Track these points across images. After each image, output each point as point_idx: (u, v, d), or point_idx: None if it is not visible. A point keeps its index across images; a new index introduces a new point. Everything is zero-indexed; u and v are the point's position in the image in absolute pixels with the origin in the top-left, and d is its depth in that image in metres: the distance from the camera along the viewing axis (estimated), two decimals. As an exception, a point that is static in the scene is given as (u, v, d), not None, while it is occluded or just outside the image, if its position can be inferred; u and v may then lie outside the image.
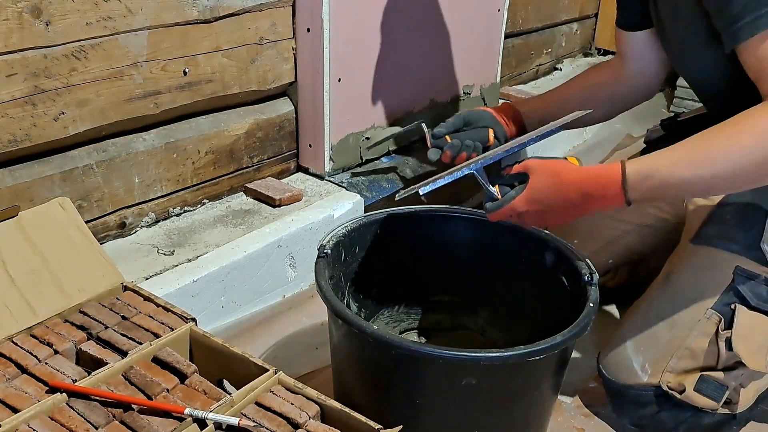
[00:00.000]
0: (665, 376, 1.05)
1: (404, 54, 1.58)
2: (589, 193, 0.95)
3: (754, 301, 1.02)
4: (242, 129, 1.41)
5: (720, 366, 1.03)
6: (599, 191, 0.95)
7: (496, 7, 1.80)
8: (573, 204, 0.97)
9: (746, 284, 1.02)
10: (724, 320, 1.02)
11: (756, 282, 1.02)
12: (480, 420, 0.90)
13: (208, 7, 1.26)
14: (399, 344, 0.85)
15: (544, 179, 0.98)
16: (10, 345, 0.88)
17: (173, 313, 0.96)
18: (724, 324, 1.02)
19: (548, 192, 0.98)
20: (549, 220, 1.01)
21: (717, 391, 1.02)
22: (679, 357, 1.05)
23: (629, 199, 0.94)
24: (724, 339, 1.01)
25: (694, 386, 1.02)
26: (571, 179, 0.97)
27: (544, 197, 0.98)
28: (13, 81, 1.05)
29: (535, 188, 0.98)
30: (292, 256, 1.35)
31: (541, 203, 0.98)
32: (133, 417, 0.79)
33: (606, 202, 0.95)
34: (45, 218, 1.00)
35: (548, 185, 0.98)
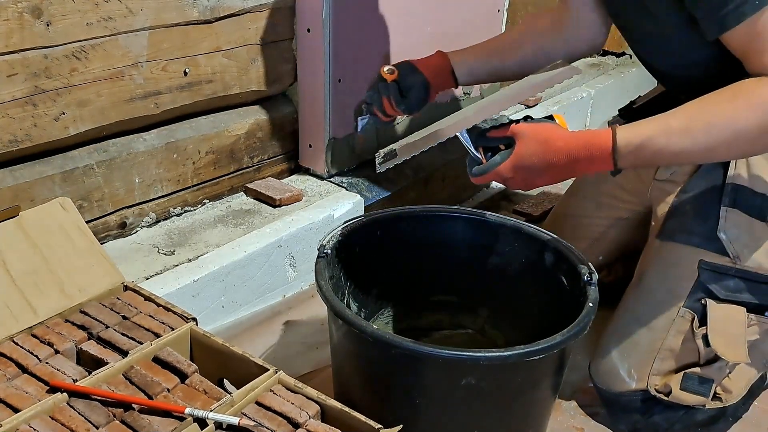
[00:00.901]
0: (651, 379, 1.06)
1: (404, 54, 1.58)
2: (578, 159, 0.95)
3: (722, 293, 1.03)
4: (242, 129, 1.41)
5: (702, 361, 1.04)
6: (587, 157, 0.94)
7: (496, 8, 1.80)
8: (560, 169, 0.96)
9: (712, 278, 1.03)
10: (697, 316, 1.03)
11: (721, 274, 1.03)
12: (480, 420, 0.90)
13: (208, 8, 1.26)
14: (399, 344, 0.85)
15: (531, 145, 0.96)
16: (11, 344, 0.89)
17: (174, 312, 0.96)
18: (697, 320, 1.03)
19: (535, 159, 0.96)
20: (535, 184, 1.00)
21: (704, 387, 1.03)
22: (662, 359, 1.06)
23: (619, 167, 0.94)
24: (701, 336, 1.02)
25: (680, 385, 1.03)
26: (559, 146, 0.95)
27: (530, 164, 0.97)
28: (13, 81, 1.05)
29: (522, 155, 0.97)
30: (292, 256, 1.35)
31: (527, 170, 0.97)
32: (134, 417, 0.79)
33: (594, 168, 0.95)
34: (46, 218, 1.00)
35: (535, 151, 0.96)
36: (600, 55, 2.57)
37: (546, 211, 1.75)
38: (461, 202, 1.80)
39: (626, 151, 0.93)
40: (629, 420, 1.09)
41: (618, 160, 0.93)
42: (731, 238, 1.02)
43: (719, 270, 1.03)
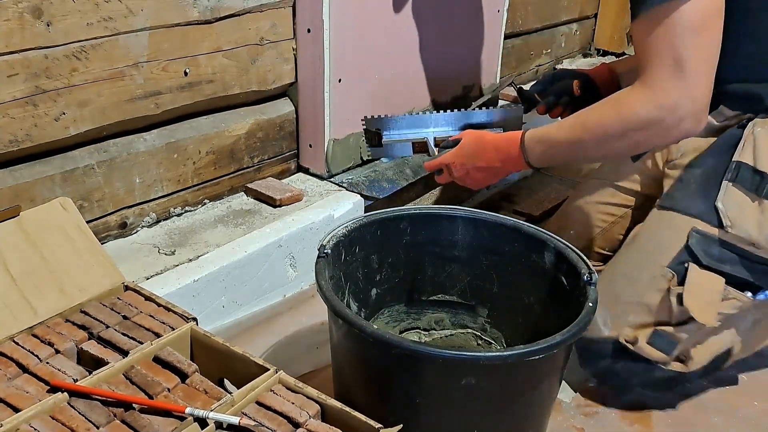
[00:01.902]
0: (624, 330, 1.11)
1: (404, 54, 1.58)
2: (499, 148, 1.17)
3: (705, 259, 1.06)
4: (243, 129, 1.41)
5: (674, 321, 1.08)
6: (506, 149, 1.16)
7: (496, 8, 1.80)
8: (489, 158, 1.18)
9: (699, 244, 1.07)
10: (678, 277, 1.08)
11: (709, 242, 1.07)
12: (480, 420, 0.90)
13: (208, 8, 1.26)
14: (399, 344, 0.85)
15: (470, 139, 1.22)
16: (11, 344, 0.89)
17: (174, 312, 0.96)
18: (676, 281, 1.07)
19: (471, 147, 1.21)
20: (470, 173, 1.22)
21: (668, 345, 1.08)
22: (638, 313, 1.10)
23: (527, 159, 1.13)
24: (676, 294, 1.07)
25: (647, 339, 1.09)
26: (489, 139, 1.20)
27: (467, 152, 1.21)
28: (14, 81, 1.05)
29: (462, 145, 1.22)
30: (292, 256, 1.36)
31: (464, 156, 1.21)
32: (134, 416, 0.79)
33: (512, 160, 1.16)
34: (46, 218, 1.00)
35: (472, 142, 1.21)
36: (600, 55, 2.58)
37: (546, 211, 1.75)
38: (461, 202, 1.80)
39: (531, 143, 1.12)
40: (595, 365, 1.16)
41: (526, 151, 1.13)
42: (727, 207, 1.06)
43: (708, 237, 1.07)
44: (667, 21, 0.97)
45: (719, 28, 0.99)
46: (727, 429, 1.13)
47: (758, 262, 1.06)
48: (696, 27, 0.97)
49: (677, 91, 0.98)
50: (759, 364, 1.27)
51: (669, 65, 0.98)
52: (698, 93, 0.99)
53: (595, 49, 2.57)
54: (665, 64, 0.98)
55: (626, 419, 1.14)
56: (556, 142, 1.11)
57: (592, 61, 2.50)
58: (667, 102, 0.99)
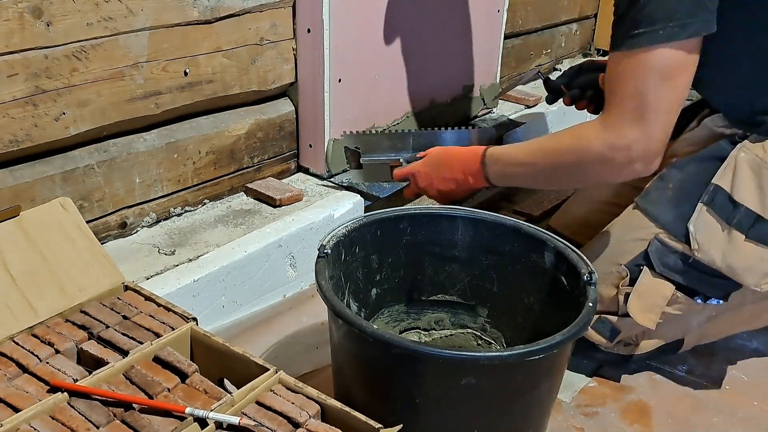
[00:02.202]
0: None
1: (404, 54, 1.58)
2: (463, 161, 1.20)
3: (659, 267, 1.11)
4: (243, 129, 1.41)
5: (620, 313, 1.16)
6: (468, 163, 1.19)
7: (496, 8, 1.80)
8: (453, 169, 1.22)
9: (657, 252, 1.11)
10: (630, 277, 1.13)
11: (667, 252, 1.11)
12: (480, 420, 0.90)
13: (208, 8, 1.26)
14: (399, 344, 0.85)
15: (437, 150, 1.28)
16: (11, 344, 0.89)
17: (174, 312, 0.96)
18: (628, 280, 1.13)
19: (436, 157, 1.26)
20: (434, 183, 1.25)
21: (610, 333, 1.17)
22: None
23: (486, 174, 1.18)
24: (624, 293, 1.13)
25: (592, 324, 1.16)
26: (453, 152, 1.24)
27: (432, 161, 1.26)
28: (14, 81, 1.05)
29: (430, 155, 1.27)
30: (292, 256, 1.36)
31: (430, 166, 1.26)
32: (134, 416, 0.79)
33: (473, 174, 1.19)
34: (46, 218, 1.00)
35: (438, 153, 1.27)
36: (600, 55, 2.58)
37: (546, 211, 1.75)
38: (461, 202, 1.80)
39: (491, 159, 1.17)
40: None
41: (486, 166, 1.17)
42: (697, 230, 1.09)
43: (668, 248, 1.11)
44: (638, 65, 0.99)
45: (687, 79, 1.01)
46: (727, 429, 1.13)
47: (710, 274, 1.10)
48: (664, 76, 0.99)
49: (633, 134, 1.01)
50: (759, 364, 1.27)
51: (631, 108, 1.00)
52: (654, 140, 1.01)
53: (595, 49, 2.57)
54: (627, 106, 1.00)
55: (626, 419, 1.14)
56: (514, 162, 1.15)
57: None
58: (621, 143, 1.01)
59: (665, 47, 0.97)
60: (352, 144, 1.44)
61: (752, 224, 1.06)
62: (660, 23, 0.96)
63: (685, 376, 1.24)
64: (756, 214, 1.06)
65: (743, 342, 1.32)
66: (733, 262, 1.07)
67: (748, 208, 1.06)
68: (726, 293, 1.13)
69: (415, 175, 1.28)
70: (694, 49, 0.99)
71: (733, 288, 1.11)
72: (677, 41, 0.97)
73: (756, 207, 1.06)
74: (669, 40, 0.97)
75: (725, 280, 1.10)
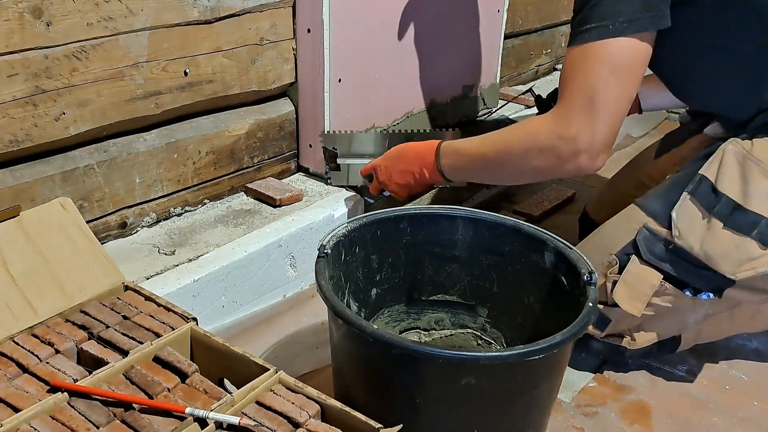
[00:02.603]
0: None
1: (404, 54, 1.58)
2: (419, 155, 1.23)
3: (646, 255, 1.12)
4: (243, 129, 1.41)
5: (609, 303, 1.16)
6: (424, 156, 1.22)
7: (496, 8, 1.80)
8: (409, 162, 1.24)
9: (645, 240, 1.13)
10: (619, 265, 1.14)
11: (655, 240, 1.12)
12: (480, 420, 0.90)
13: (208, 8, 1.26)
14: (399, 344, 0.85)
15: (398, 146, 1.30)
16: (11, 344, 0.89)
17: (174, 312, 0.97)
18: (617, 269, 1.14)
19: (396, 152, 1.29)
20: (393, 176, 1.28)
21: (600, 322, 1.18)
22: None
23: (440, 166, 1.20)
24: (612, 281, 1.15)
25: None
26: (411, 146, 1.26)
27: (391, 155, 1.29)
28: (14, 81, 1.05)
29: (391, 149, 1.30)
30: (292, 256, 1.36)
31: (389, 159, 1.29)
32: (134, 416, 0.79)
33: (428, 168, 1.22)
34: (46, 218, 1.00)
35: (398, 147, 1.29)
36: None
37: (546, 211, 1.75)
38: (461, 202, 1.80)
39: (445, 152, 1.20)
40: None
41: (440, 157, 1.20)
42: (679, 218, 1.10)
43: (655, 236, 1.12)
44: (587, 58, 1.02)
45: (638, 76, 1.04)
46: (727, 429, 1.13)
47: (696, 265, 1.10)
48: (612, 70, 1.02)
49: (581, 125, 1.03)
50: (759, 364, 1.27)
51: (581, 101, 1.03)
52: (601, 133, 1.03)
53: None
54: (578, 98, 1.03)
55: (626, 419, 1.14)
56: (465, 154, 1.17)
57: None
58: (567, 133, 1.03)
59: (614, 41, 1.01)
60: (330, 144, 1.44)
61: (731, 213, 1.07)
62: (609, 19, 1.00)
63: (685, 376, 1.24)
64: (735, 202, 1.07)
65: (743, 342, 1.32)
66: (709, 249, 1.08)
67: (729, 197, 1.07)
68: (715, 287, 1.12)
69: (376, 169, 1.31)
70: (643, 46, 1.02)
71: (721, 282, 1.11)
72: (625, 36, 1.01)
73: (737, 196, 1.07)
74: (617, 35, 1.00)
75: (712, 273, 1.10)
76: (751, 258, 1.06)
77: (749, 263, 1.07)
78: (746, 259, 1.07)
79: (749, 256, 1.06)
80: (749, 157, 1.08)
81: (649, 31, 1.02)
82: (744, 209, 1.06)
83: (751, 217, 1.06)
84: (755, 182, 1.06)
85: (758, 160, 1.07)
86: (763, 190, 1.06)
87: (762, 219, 1.05)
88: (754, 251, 1.06)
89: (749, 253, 1.06)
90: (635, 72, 1.04)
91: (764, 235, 1.06)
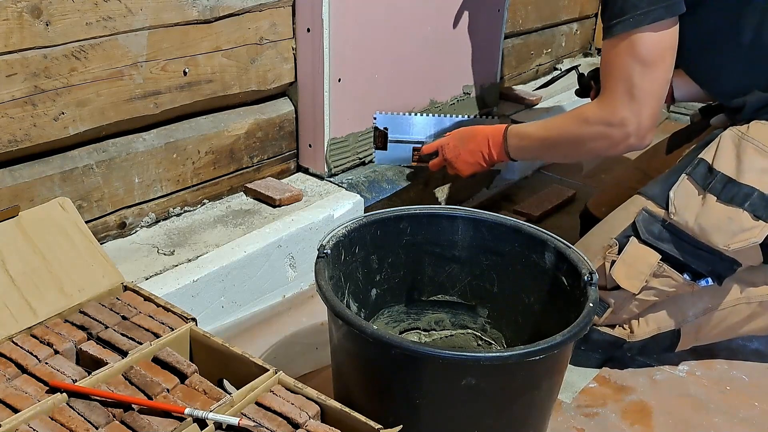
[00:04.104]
0: None
1: (404, 54, 1.58)
2: (488, 135, 1.34)
3: (644, 235, 1.16)
4: (242, 129, 1.41)
5: (608, 286, 1.19)
6: (493, 137, 1.34)
7: (496, 7, 1.80)
8: (479, 142, 1.36)
9: (643, 221, 1.16)
10: (619, 247, 1.17)
11: (653, 221, 1.16)
12: (480, 420, 0.90)
13: (208, 8, 1.26)
14: (399, 344, 0.85)
15: (466, 127, 1.42)
16: (10, 345, 0.89)
17: (173, 313, 0.96)
18: (617, 250, 1.17)
19: (464, 131, 1.40)
20: (461, 155, 1.39)
21: (599, 307, 1.19)
22: None
23: (507, 148, 1.32)
24: (610, 261, 1.17)
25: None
26: (481, 128, 1.38)
27: (460, 135, 1.40)
28: (13, 81, 1.05)
29: (458, 130, 1.42)
30: (292, 256, 1.35)
31: (458, 139, 1.40)
32: (134, 417, 0.79)
33: (496, 148, 1.34)
34: (45, 218, 1.00)
35: (467, 129, 1.41)
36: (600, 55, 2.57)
37: (546, 211, 1.75)
38: (461, 202, 1.80)
39: (511, 134, 1.31)
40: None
41: (507, 140, 1.32)
42: (677, 196, 1.14)
43: (653, 216, 1.16)
44: (624, 52, 1.13)
45: (666, 61, 1.14)
46: (728, 429, 1.13)
47: (694, 245, 1.13)
48: (647, 62, 1.12)
49: (626, 113, 1.15)
50: (759, 365, 1.27)
51: (621, 91, 1.14)
52: (644, 117, 1.14)
53: (596, 49, 2.57)
54: (619, 89, 1.15)
55: (626, 419, 1.14)
56: (529, 138, 1.30)
57: (594, 60, 2.50)
58: (615, 120, 1.16)
59: (637, 34, 1.11)
60: (382, 125, 1.53)
61: (724, 186, 1.11)
62: (629, 12, 1.10)
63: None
64: (729, 177, 1.11)
65: (743, 342, 1.32)
66: (703, 222, 1.11)
67: (724, 174, 1.11)
68: (713, 271, 1.14)
69: (443, 147, 1.42)
70: (665, 34, 1.12)
71: (718, 264, 1.13)
72: (646, 27, 1.10)
73: (731, 173, 1.11)
74: (637, 26, 1.10)
75: (709, 253, 1.12)
76: (744, 229, 1.09)
77: (741, 234, 1.09)
78: (738, 230, 1.09)
79: (741, 227, 1.09)
80: (744, 138, 1.13)
81: (665, 19, 1.10)
82: (737, 182, 1.10)
83: (744, 189, 1.09)
84: (749, 158, 1.11)
85: (752, 139, 1.12)
86: (756, 164, 1.10)
87: (755, 191, 1.09)
88: (746, 222, 1.09)
89: (741, 224, 1.09)
90: (663, 58, 1.13)
91: (756, 206, 1.09)
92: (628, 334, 1.22)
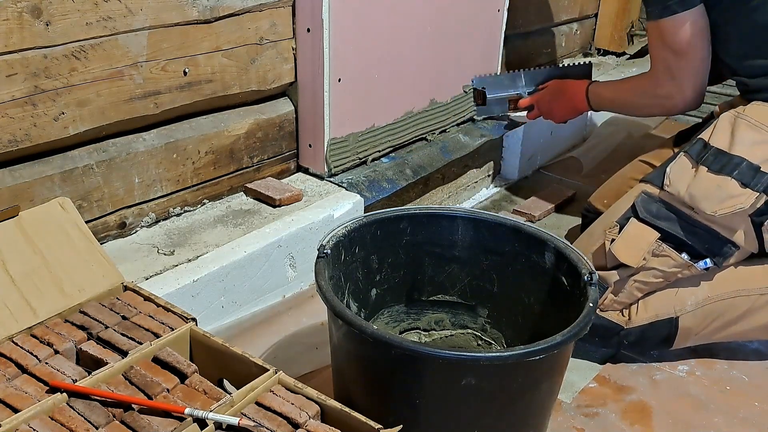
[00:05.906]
0: None
1: (404, 54, 1.58)
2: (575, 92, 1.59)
3: (643, 214, 1.21)
4: (242, 129, 1.41)
5: (609, 266, 1.22)
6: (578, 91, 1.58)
7: (496, 7, 1.80)
8: (568, 96, 1.61)
9: (642, 201, 1.22)
10: (619, 229, 1.23)
11: (651, 200, 1.21)
12: (480, 420, 0.90)
13: (208, 8, 1.26)
14: (399, 344, 0.85)
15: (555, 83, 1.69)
16: (11, 345, 0.89)
17: (173, 313, 0.96)
18: (617, 231, 1.22)
19: (556, 89, 1.67)
20: (554, 108, 1.66)
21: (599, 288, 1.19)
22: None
23: (589, 102, 1.57)
24: (610, 239, 1.22)
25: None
26: (568, 85, 1.64)
27: (552, 90, 1.68)
28: (13, 81, 1.05)
29: (549, 87, 1.70)
30: (292, 256, 1.35)
31: (550, 94, 1.68)
32: (134, 417, 0.79)
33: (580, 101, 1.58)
34: (45, 218, 1.00)
35: (557, 85, 1.68)
36: (600, 55, 2.57)
37: (546, 211, 1.75)
38: (461, 202, 1.80)
39: (591, 92, 1.55)
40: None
41: (589, 95, 1.56)
42: (672, 171, 1.21)
43: (651, 197, 1.22)
44: (656, 37, 1.32)
45: (700, 47, 1.29)
46: (728, 429, 1.13)
47: (691, 223, 1.18)
48: (677, 50, 1.29)
49: (670, 88, 1.35)
50: (759, 365, 1.27)
51: (662, 70, 1.35)
52: (687, 90, 1.33)
53: (596, 49, 2.57)
54: (660, 68, 1.35)
55: (626, 419, 1.14)
56: (603, 97, 1.54)
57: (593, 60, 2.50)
58: (662, 93, 1.37)
59: (668, 21, 1.28)
60: (480, 85, 1.78)
61: (715, 158, 1.17)
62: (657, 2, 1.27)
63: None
64: (721, 150, 1.17)
65: (743, 342, 1.31)
66: (693, 190, 1.17)
67: (717, 148, 1.18)
68: (710, 249, 1.18)
69: (539, 101, 1.70)
70: (695, 20, 1.27)
71: (714, 241, 1.18)
72: (678, 14, 1.26)
73: (723, 146, 1.18)
74: (662, 16, 1.27)
75: (706, 232, 1.17)
76: (731, 196, 1.14)
77: (729, 200, 1.14)
78: (726, 197, 1.14)
79: (729, 194, 1.14)
80: (739, 116, 1.20)
81: (695, 5, 1.25)
82: (728, 153, 1.17)
83: (734, 159, 1.15)
84: (741, 133, 1.18)
85: (747, 117, 1.19)
86: (747, 138, 1.17)
87: (743, 161, 1.15)
88: (734, 190, 1.14)
89: (729, 191, 1.14)
90: (692, 45, 1.28)
91: (744, 175, 1.14)
92: (626, 321, 1.23)
